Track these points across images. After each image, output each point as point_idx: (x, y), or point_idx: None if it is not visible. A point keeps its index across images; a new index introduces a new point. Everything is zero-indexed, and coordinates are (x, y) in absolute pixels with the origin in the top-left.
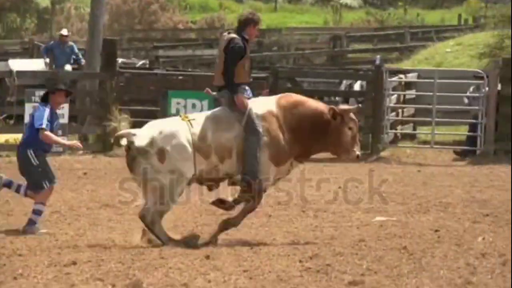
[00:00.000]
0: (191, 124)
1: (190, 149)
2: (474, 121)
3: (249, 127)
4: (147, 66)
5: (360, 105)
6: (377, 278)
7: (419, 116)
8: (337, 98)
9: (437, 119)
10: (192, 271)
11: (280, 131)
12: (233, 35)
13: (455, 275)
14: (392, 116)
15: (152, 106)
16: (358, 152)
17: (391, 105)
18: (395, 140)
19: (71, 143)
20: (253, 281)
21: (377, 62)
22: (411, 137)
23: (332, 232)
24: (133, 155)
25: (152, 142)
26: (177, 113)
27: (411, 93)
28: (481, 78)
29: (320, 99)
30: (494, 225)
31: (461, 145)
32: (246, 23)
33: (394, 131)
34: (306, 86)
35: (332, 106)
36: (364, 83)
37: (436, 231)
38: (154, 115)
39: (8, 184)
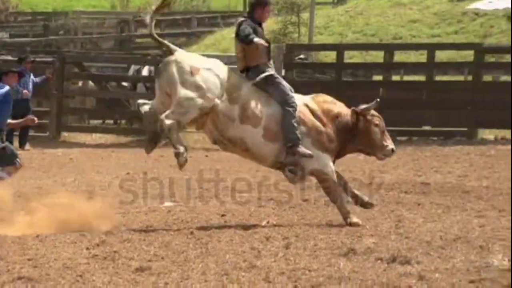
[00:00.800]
0: (233, 72)
1: (221, 83)
2: None
3: (280, 96)
4: None
5: (378, 100)
6: (164, 263)
7: None
8: (125, 83)
9: None
10: None
11: (317, 119)
12: (241, 19)
13: (240, 259)
14: None
15: None
16: (392, 146)
17: None
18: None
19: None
20: (38, 270)
21: None
22: None
23: (120, 218)
24: (169, 62)
25: (192, 59)
26: None
27: None
28: None
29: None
30: (278, 208)
31: None
32: (254, 6)
33: None
34: (94, 71)
35: (353, 108)
36: (153, 68)
37: (223, 215)
38: None
39: None
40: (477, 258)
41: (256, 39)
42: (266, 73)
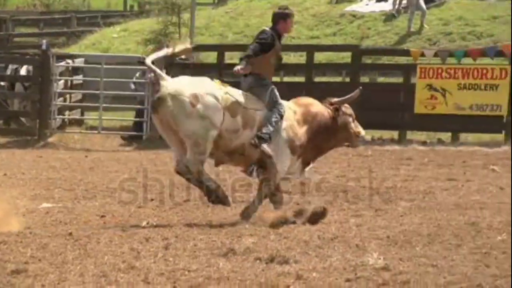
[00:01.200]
0: (223, 86)
1: (220, 103)
2: (140, 106)
3: (271, 101)
4: None
5: (361, 88)
6: (41, 265)
7: (87, 101)
8: (2, 83)
9: (104, 105)
10: None
11: (296, 122)
12: (264, 28)
13: (119, 260)
14: (59, 101)
15: None
16: (363, 131)
17: (59, 90)
18: (63, 126)
19: None
20: None
21: (44, 46)
22: (79, 122)
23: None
24: (164, 97)
25: (185, 87)
26: None
27: (79, 79)
28: None
29: None
30: (159, 209)
31: (128, 131)
32: (276, 19)
33: (61, 116)
34: None
35: (331, 101)
36: (31, 67)
37: (102, 216)
38: None
39: None
40: (354, 257)
41: (236, 67)
42: (270, 89)
